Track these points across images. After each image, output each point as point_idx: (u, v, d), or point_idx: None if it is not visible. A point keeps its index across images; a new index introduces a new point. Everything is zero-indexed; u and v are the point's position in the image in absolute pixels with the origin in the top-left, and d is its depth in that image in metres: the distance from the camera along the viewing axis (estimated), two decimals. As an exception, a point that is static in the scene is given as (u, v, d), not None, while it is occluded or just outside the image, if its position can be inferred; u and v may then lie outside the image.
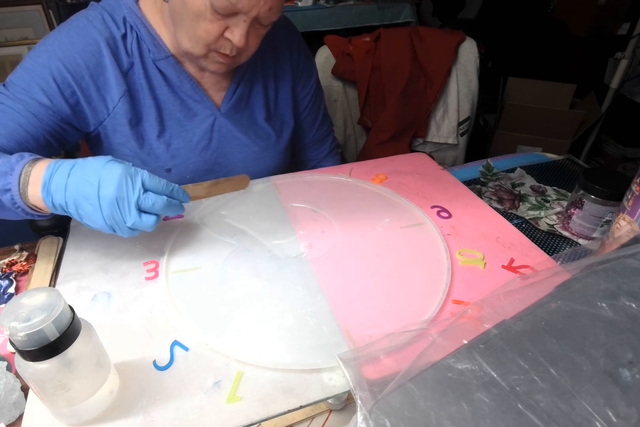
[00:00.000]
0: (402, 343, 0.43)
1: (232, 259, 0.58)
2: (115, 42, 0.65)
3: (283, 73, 0.82)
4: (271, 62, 0.80)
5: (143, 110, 0.70)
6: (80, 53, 0.63)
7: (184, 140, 0.73)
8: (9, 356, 0.50)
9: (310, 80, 0.87)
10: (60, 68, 0.62)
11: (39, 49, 0.64)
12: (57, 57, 0.62)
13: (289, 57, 0.82)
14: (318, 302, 0.52)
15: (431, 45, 1.34)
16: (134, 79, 0.68)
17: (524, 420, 0.32)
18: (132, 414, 0.40)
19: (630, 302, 0.38)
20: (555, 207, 0.78)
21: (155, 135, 0.71)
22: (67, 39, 0.63)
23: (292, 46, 0.82)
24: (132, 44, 0.66)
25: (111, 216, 0.49)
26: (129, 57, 0.67)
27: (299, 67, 0.84)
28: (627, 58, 1.72)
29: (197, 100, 0.73)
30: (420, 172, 0.79)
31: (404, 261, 0.58)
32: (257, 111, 0.79)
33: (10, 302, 0.35)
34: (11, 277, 0.60)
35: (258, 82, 0.78)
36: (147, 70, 0.68)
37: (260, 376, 0.44)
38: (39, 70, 0.62)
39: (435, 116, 1.42)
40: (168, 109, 0.71)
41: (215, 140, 0.76)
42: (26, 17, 2.30)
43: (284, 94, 0.83)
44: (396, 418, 0.34)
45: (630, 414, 0.32)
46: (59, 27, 0.66)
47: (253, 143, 0.79)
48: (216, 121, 0.75)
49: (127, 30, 0.66)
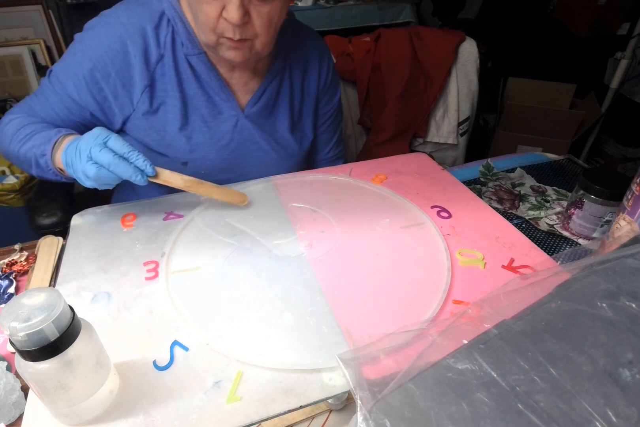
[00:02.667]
0: (402, 343, 0.43)
1: (232, 259, 0.58)
2: (145, 33, 0.67)
3: (309, 85, 0.83)
4: (299, 71, 0.80)
5: (168, 102, 0.71)
6: (107, 51, 0.66)
7: (205, 136, 0.74)
8: (9, 356, 0.50)
9: (334, 98, 0.88)
10: (90, 66, 0.67)
11: (77, 45, 0.68)
12: (87, 56, 0.67)
13: (317, 70, 0.83)
14: (318, 302, 0.52)
15: (431, 45, 1.34)
16: (163, 70, 0.69)
17: (524, 420, 0.32)
18: (132, 414, 0.40)
19: (630, 302, 0.38)
20: (555, 207, 0.78)
21: (177, 127, 0.72)
22: (96, 37, 0.67)
23: (322, 60, 0.83)
24: (166, 37, 0.68)
25: (72, 161, 0.57)
26: (160, 48, 0.68)
27: (326, 82, 0.85)
28: (627, 58, 1.72)
29: (223, 99, 0.74)
30: (420, 172, 0.79)
31: (404, 261, 0.58)
32: (280, 120, 0.80)
33: (10, 302, 0.35)
34: (11, 277, 0.60)
35: (285, 90, 0.79)
36: (178, 64, 0.70)
37: (260, 376, 0.44)
38: (73, 67, 0.67)
39: (435, 116, 1.42)
40: (194, 103, 0.72)
41: (236, 141, 0.77)
42: (26, 17, 2.30)
43: (308, 106, 0.84)
44: (396, 418, 0.34)
45: (630, 414, 0.32)
46: (98, 18, 0.70)
47: (272, 150, 0.80)
48: (239, 122, 0.76)
49: (163, 22, 0.68)
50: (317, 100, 0.85)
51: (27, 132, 0.65)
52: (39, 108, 0.70)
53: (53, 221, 0.73)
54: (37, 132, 0.65)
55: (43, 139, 0.63)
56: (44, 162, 0.62)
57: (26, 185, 1.45)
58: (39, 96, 0.71)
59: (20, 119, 0.69)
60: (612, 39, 2.08)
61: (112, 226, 0.65)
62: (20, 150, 0.65)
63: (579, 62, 2.19)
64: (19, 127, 0.67)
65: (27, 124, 0.67)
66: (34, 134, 0.64)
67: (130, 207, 0.69)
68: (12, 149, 0.67)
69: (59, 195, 0.87)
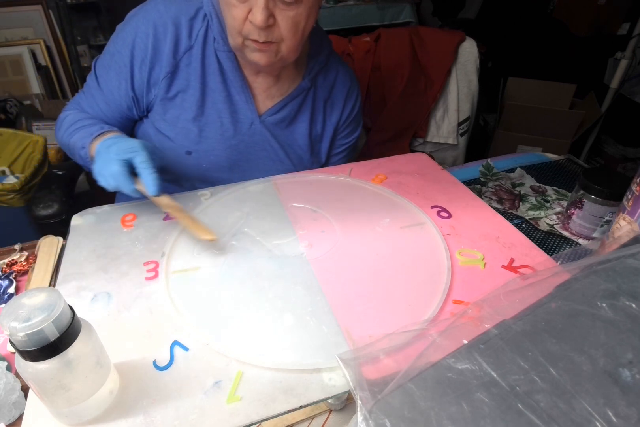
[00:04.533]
0: (402, 343, 0.43)
1: (232, 259, 0.58)
2: (179, 22, 0.69)
3: (332, 112, 0.84)
4: (324, 95, 0.82)
5: (188, 91, 0.72)
6: (142, 37, 0.69)
7: (216, 131, 0.75)
8: (9, 356, 0.50)
9: (353, 133, 0.89)
10: (128, 54, 0.70)
11: (119, 34, 0.71)
12: (126, 43, 0.70)
13: (342, 99, 0.84)
14: (318, 302, 0.52)
15: (431, 45, 1.34)
16: (189, 60, 0.71)
17: (524, 420, 0.32)
18: (132, 414, 0.40)
19: (630, 302, 0.38)
20: (555, 207, 0.78)
21: (191, 116, 0.73)
22: (135, 23, 0.70)
23: (351, 92, 0.85)
24: (199, 30, 0.70)
25: (97, 152, 0.63)
26: (190, 40, 0.70)
27: (349, 115, 0.86)
28: (627, 58, 1.71)
29: (242, 100, 0.75)
30: (420, 172, 0.79)
31: (404, 261, 0.58)
32: (300, 136, 0.81)
33: (10, 302, 0.35)
34: (11, 277, 0.60)
35: (306, 110, 0.80)
36: (206, 56, 0.71)
37: (260, 376, 0.44)
38: (116, 57, 0.71)
39: (435, 116, 1.42)
40: (213, 97, 0.73)
41: (245, 144, 0.78)
42: (26, 17, 2.30)
43: (327, 132, 0.85)
44: (396, 418, 0.34)
45: (630, 414, 0.32)
46: (138, 7, 0.72)
47: (280, 162, 0.81)
48: (253, 126, 0.77)
49: (199, 16, 0.70)
50: (336, 130, 0.86)
51: (76, 127, 0.72)
52: (86, 105, 0.76)
53: (49, 212, 0.74)
54: (84, 127, 0.71)
55: (86, 133, 0.69)
56: (84, 153, 0.69)
57: (26, 185, 1.45)
58: (85, 93, 0.76)
59: (72, 115, 0.75)
60: (612, 39, 2.08)
61: (112, 226, 0.65)
62: (70, 142, 0.73)
63: (579, 62, 2.19)
64: (71, 122, 0.74)
65: (78, 120, 0.73)
66: (81, 128, 0.71)
67: (130, 207, 0.69)
68: (64, 140, 0.75)
69: (58, 188, 0.88)
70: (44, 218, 0.72)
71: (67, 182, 0.93)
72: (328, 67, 0.81)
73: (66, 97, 2.52)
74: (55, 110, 2.18)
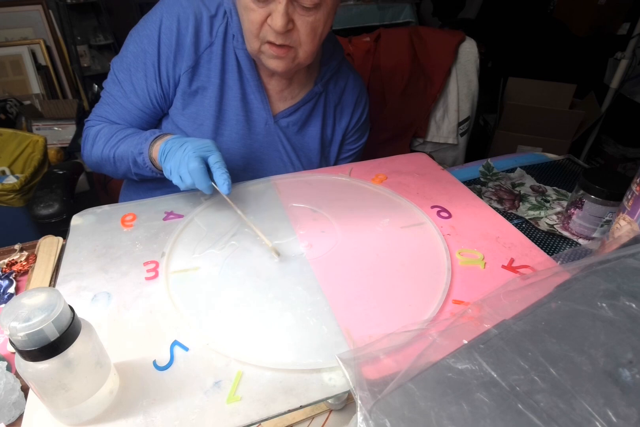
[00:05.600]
0: (402, 343, 0.43)
1: (232, 259, 0.58)
2: (201, 18, 0.69)
3: (342, 117, 0.85)
4: (334, 100, 0.82)
5: (208, 88, 0.73)
6: (166, 32, 0.69)
7: (232, 129, 0.76)
8: (9, 356, 0.50)
9: (360, 140, 0.91)
10: (154, 51, 0.70)
11: (141, 32, 0.70)
12: (150, 41, 0.69)
13: (352, 105, 0.85)
14: (318, 302, 0.52)
15: (431, 45, 1.34)
16: (210, 56, 0.71)
17: (524, 420, 0.32)
18: (132, 414, 0.40)
19: (630, 302, 0.38)
20: (555, 207, 0.78)
21: (210, 113, 0.74)
22: (158, 18, 0.69)
23: (359, 99, 0.86)
24: (219, 27, 0.71)
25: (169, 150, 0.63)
26: (211, 37, 0.71)
27: (358, 121, 0.87)
28: (627, 58, 1.72)
29: (257, 99, 0.75)
30: (420, 172, 0.79)
31: (404, 261, 0.58)
32: (311, 140, 0.82)
33: (10, 302, 0.35)
34: (11, 277, 0.60)
35: (318, 113, 0.81)
36: (226, 53, 0.72)
37: (260, 376, 0.44)
38: (142, 57, 0.70)
39: (435, 116, 1.42)
40: (230, 94, 0.74)
41: (259, 144, 0.78)
42: (26, 17, 2.31)
43: (337, 136, 0.86)
44: (396, 418, 0.34)
45: (630, 414, 0.32)
46: (159, 2, 0.72)
47: (291, 164, 0.82)
48: (267, 126, 0.77)
49: (220, 14, 0.70)
50: (344, 135, 0.87)
51: (119, 138, 0.71)
52: (115, 117, 0.75)
53: (49, 212, 0.73)
54: (128, 136, 0.71)
55: (140, 139, 0.68)
56: (141, 159, 0.68)
57: (26, 185, 1.45)
58: (111, 105, 0.74)
59: (107, 128, 0.74)
60: (612, 39, 2.08)
61: (112, 226, 0.65)
62: (116, 154, 0.71)
63: (579, 62, 2.19)
64: (109, 136, 0.72)
65: (117, 131, 0.73)
66: (126, 138, 0.71)
67: (130, 207, 0.69)
68: (104, 154, 0.73)
69: (59, 187, 0.88)
70: (44, 218, 0.72)
71: (68, 182, 0.93)
72: (339, 73, 0.82)
73: (66, 97, 2.52)
74: (55, 110, 2.18)
